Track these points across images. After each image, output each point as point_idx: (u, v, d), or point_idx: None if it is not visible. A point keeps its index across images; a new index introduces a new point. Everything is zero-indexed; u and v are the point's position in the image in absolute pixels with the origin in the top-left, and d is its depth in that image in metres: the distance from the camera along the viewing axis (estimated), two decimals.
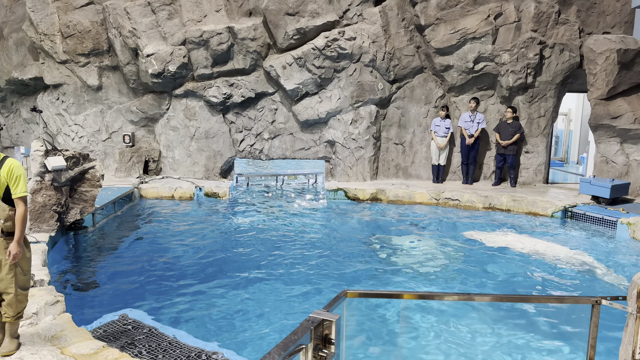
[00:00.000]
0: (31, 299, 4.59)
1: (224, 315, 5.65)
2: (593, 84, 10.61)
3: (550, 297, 4.75)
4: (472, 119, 11.62)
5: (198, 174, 12.41)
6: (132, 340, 4.78)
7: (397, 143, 12.30)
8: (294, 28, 11.27)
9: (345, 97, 11.70)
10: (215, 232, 8.93)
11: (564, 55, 11.20)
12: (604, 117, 10.51)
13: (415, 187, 11.40)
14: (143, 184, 11.29)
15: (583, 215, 9.54)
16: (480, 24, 11.12)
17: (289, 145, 12.32)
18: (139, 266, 7.10)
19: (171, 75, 11.55)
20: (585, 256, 7.67)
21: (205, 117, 12.15)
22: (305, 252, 7.86)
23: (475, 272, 7.04)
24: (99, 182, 8.01)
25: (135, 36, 11.44)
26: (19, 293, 3.83)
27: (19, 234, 3.72)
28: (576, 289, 6.48)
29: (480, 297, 3.15)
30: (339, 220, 9.92)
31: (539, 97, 11.57)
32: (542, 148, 11.84)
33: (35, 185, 7.07)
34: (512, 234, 8.79)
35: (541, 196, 10.47)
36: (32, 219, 6.92)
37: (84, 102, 12.44)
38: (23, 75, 12.63)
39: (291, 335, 1.93)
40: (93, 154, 12.28)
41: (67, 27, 11.72)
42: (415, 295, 3.15)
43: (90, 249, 7.88)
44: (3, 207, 3.75)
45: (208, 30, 11.29)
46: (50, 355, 3.87)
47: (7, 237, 3.76)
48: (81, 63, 12.02)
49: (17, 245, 3.71)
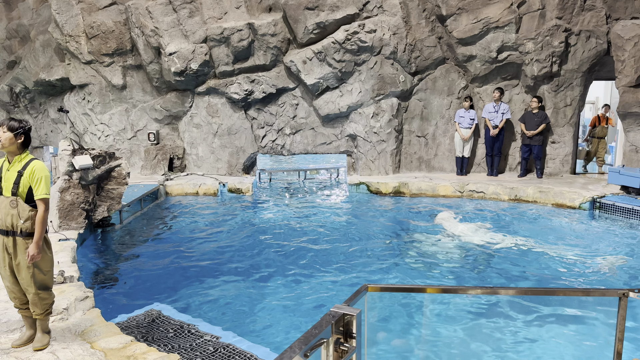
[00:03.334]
0: (61, 295, 4.72)
1: (249, 308, 5.71)
2: (621, 71, 10.32)
3: (577, 290, 4.67)
4: (497, 109, 11.44)
5: (221, 170, 12.53)
6: (159, 334, 4.87)
7: (420, 136, 12.20)
8: (313, 22, 11.25)
9: (366, 91, 11.65)
10: (239, 228, 9.02)
11: (590, 42, 10.92)
12: (633, 105, 10.22)
13: (439, 179, 11.30)
14: (168, 181, 11.45)
15: (612, 206, 9.32)
16: (503, 12, 10.91)
17: (310, 140, 12.33)
18: (165, 262, 7.22)
19: (193, 73, 11.67)
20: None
21: (228, 114, 12.25)
22: (327, 246, 7.88)
23: (502, 267, 6.95)
24: (125, 180, 8.17)
25: (157, 35, 11.58)
26: (39, 292, 3.90)
27: (37, 235, 3.77)
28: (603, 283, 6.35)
29: (505, 291, 3.11)
30: (361, 215, 9.91)
31: (564, 85, 11.31)
32: (569, 138, 11.58)
33: (63, 183, 7.24)
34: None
35: (568, 187, 10.26)
36: (61, 216, 7.10)
37: (109, 101, 12.66)
38: (50, 76, 12.92)
39: (312, 330, 1.95)
40: (119, 152, 12.50)
41: (91, 27, 11.93)
42: (438, 290, 3.12)
43: (117, 245, 8.05)
44: (24, 208, 3.82)
45: (229, 27, 11.36)
46: (81, 350, 3.97)
47: (26, 237, 3.83)
48: (105, 63, 12.23)
49: (35, 247, 3.76)
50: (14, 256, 3.85)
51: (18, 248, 3.83)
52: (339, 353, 2.06)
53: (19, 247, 3.83)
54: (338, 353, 2.06)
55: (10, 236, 3.82)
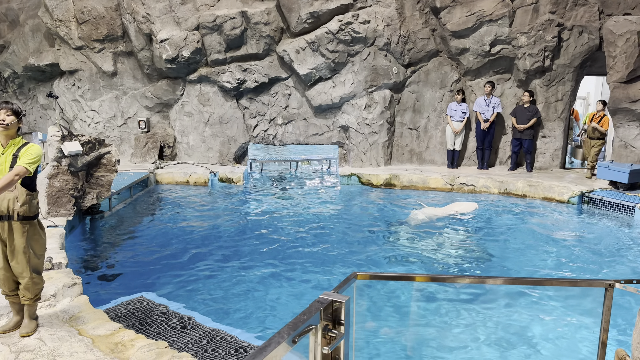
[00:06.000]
0: (49, 282, 4.68)
1: (237, 297, 5.72)
2: (612, 67, 10.39)
3: (564, 280, 4.72)
4: (488, 103, 11.47)
5: (212, 159, 12.47)
6: (148, 321, 4.86)
7: (412, 128, 12.21)
8: (307, 12, 11.18)
9: (359, 82, 11.63)
10: (229, 217, 9.00)
11: (582, 38, 10.96)
12: (624, 101, 10.30)
13: (430, 172, 11.33)
14: (158, 169, 11.39)
15: (600, 200, 9.41)
16: (497, 5, 10.91)
17: (302, 131, 12.30)
18: (154, 250, 7.19)
19: (185, 60, 11.57)
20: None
21: (219, 103, 12.18)
22: (318, 236, 7.89)
23: (487, 254, 7.00)
24: (114, 167, 8.11)
25: (149, 21, 11.45)
26: (34, 276, 3.91)
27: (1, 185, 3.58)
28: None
29: (493, 280, 3.13)
30: (352, 206, 9.92)
31: (556, 80, 11.36)
32: (560, 132, 11.66)
33: (52, 170, 7.17)
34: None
35: (558, 181, 10.34)
36: (49, 203, 7.04)
37: (100, 88, 12.54)
38: (39, 61, 12.75)
39: (301, 316, 1.95)
40: (109, 139, 12.39)
41: (81, 12, 11.77)
42: (426, 278, 3.14)
43: (106, 233, 8.01)
44: (22, 191, 3.80)
45: (221, 15, 11.26)
46: (68, 336, 3.96)
47: (22, 221, 3.81)
48: (96, 49, 12.09)
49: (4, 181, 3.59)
50: (9, 241, 3.82)
51: (14, 232, 3.80)
52: (327, 339, 2.06)
53: (15, 231, 3.80)
54: (326, 339, 2.06)
55: (5, 221, 3.78)
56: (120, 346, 3.84)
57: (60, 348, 3.76)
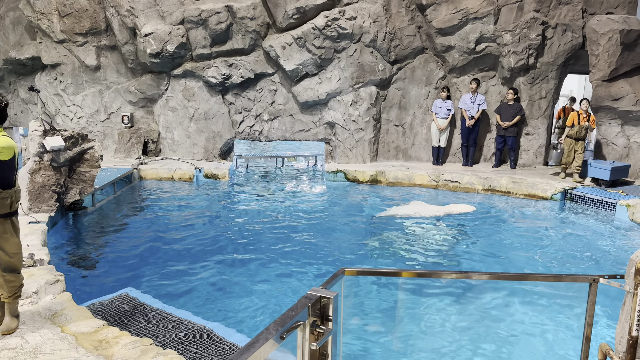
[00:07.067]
0: (31, 278, 4.61)
1: (223, 293, 5.69)
2: (595, 65, 10.52)
3: (548, 276, 4.77)
4: (473, 100, 11.55)
5: (197, 155, 12.37)
6: (132, 318, 4.81)
7: (398, 125, 12.25)
8: (293, 7, 11.13)
9: (346, 78, 11.61)
10: (215, 213, 8.94)
11: (566, 36, 11.08)
12: (606, 99, 10.44)
13: (415, 169, 11.38)
14: (142, 165, 11.26)
15: (582, 197, 9.54)
16: (482, 3, 10.98)
17: (288, 127, 12.26)
18: (138, 246, 7.12)
19: (170, 55, 11.44)
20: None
21: (204, 98, 12.07)
22: (304, 233, 7.88)
23: (478, 250, 7.06)
24: (97, 163, 7.99)
25: (133, 15, 11.30)
26: (5, 274, 3.82)
27: None
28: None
29: (478, 276, 3.15)
30: (338, 202, 9.93)
31: (540, 78, 11.48)
32: (543, 130, 11.78)
33: (34, 165, 7.05)
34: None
35: (541, 178, 10.46)
36: (31, 199, 6.92)
37: (82, 82, 12.34)
38: (20, 54, 12.51)
39: (289, 312, 1.94)
40: (92, 134, 12.20)
41: (64, 5, 11.57)
42: (413, 274, 3.15)
43: (89, 229, 7.90)
44: None
45: (207, 9, 11.15)
46: (51, 334, 3.90)
47: None
48: (79, 43, 11.89)
49: None
50: None
51: None
52: (315, 335, 2.06)
53: None
54: (314, 335, 2.05)
55: None
56: (104, 343, 3.80)
57: (43, 346, 3.70)
